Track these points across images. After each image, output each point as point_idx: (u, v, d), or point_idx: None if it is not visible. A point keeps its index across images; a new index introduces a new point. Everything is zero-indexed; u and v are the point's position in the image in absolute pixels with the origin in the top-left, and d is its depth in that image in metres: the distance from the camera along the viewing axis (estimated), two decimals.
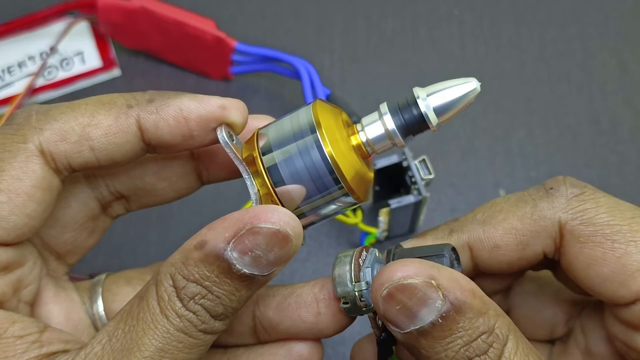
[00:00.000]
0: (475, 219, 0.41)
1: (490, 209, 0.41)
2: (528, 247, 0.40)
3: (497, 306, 0.36)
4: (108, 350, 0.35)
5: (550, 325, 0.45)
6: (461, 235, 0.41)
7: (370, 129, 0.39)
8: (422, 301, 0.35)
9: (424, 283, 0.35)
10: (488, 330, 0.35)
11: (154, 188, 0.44)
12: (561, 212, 0.40)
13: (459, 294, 0.35)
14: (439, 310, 0.35)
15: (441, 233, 0.42)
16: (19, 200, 0.38)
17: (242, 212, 0.35)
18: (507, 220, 0.40)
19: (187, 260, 0.35)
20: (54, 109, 0.39)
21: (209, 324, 0.36)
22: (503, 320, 0.36)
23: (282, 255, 0.35)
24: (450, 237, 0.41)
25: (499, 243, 0.40)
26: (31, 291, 0.41)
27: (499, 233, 0.40)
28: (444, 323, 0.35)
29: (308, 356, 0.42)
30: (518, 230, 0.40)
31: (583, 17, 0.79)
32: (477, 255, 0.41)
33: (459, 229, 0.41)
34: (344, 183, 0.37)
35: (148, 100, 0.39)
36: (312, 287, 0.41)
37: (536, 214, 0.40)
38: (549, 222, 0.40)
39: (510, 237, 0.40)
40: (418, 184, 0.59)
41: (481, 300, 0.36)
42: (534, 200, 0.40)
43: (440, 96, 0.37)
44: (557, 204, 0.40)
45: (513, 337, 0.36)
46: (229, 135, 0.39)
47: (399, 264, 0.36)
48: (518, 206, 0.41)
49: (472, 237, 0.41)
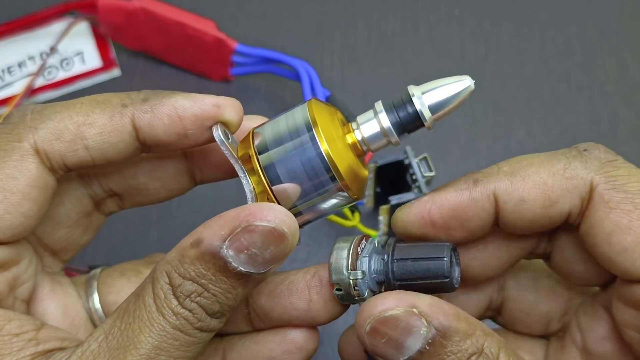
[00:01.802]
0: (501, 171, 0.40)
1: (518, 163, 0.40)
2: (556, 204, 0.39)
3: (484, 326, 0.36)
4: (104, 348, 0.35)
5: (546, 320, 0.45)
6: (487, 185, 0.39)
7: (365, 127, 0.39)
8: (406, 330, 0.35)
9: (405, 312, 0.35)
10: (477, 351, 0.35)
11: (147, 187, 0.45)
12: (594, 173, 0.38)
13: (442, 318, 0.35)
14: (425, 337, 0.35)
15: (464, 184, 0.40)
16: (14, 199, 0.38)
17: (238, 210, 0.35)
18: (538, 174, 0.39)
19: (183, 258, 0.35)
20: (49, 108, 0.39)
21: (205, 322, 0.36)
22: (492, 339, 0.36)
23: (278, 253, 0.35)
24: (475, 187, 0.39)
25: (526, 196, 0.39)
26: (27, 288, 0.42)
27: (527, 186, 0.39)
28: (432, 349, 0.35)
29: (303, 343, 0.42)
30: (548, 185, 0.39)
31: (583, 17, 0.79)
32: (502, 208, 0.39)
33: (484, 179, 0.40)
34: (340, 180, 0.37)
35: (143, 99, 0.40)
36: (304, 274, 0.41)
37: (569, 172, 0.39)
38: (581, 181, 0.38)
39: (538, 191, 0.39)
40: (419, 182, 0.59)
41: (467, 322, 0.36)
42: (567, 158, 0.39)
43: (435, 94, 0.38)
44: (591, 165, 0.39)
45: (504, 354, 0.36)
46: (224, 133, 0.39)
47: (378, 297, 0.36)
48: (550, 162, 0.39)
49: (499, 187, 0.39)
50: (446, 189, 0.40)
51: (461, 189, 0.40)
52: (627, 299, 0.39)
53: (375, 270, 0.39)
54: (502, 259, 0.43)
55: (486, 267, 0.43)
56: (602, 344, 0.42)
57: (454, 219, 0.40)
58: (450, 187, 0.40)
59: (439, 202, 0.40)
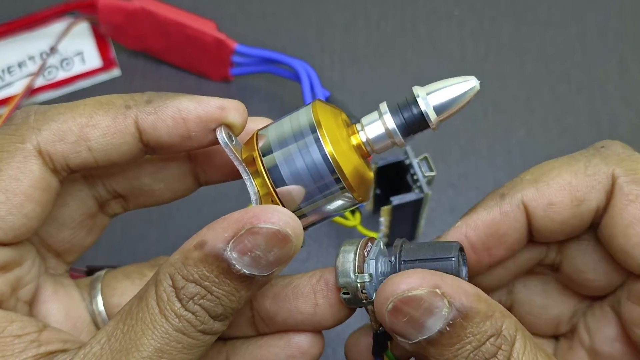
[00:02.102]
0: (524, 180, 0.40)
1: (539, 169, 0.40)
2: (583, 203, 0.39)
3: (502, 307, 0.36)
4: (107, 350, 0.35)
5: (555, 322, 0.45)
6: (514, 196, 0.40)
7: (370, 129, 0.39)
8: (428, 311, 0.35)
9: (429, 293, 0.35)
10: (496, 332, 0.35)
11: (151, 189, 0.44)
12: (615, 165, 0.39)
13: (465, 299, 0.35)
14: (446, 318, 0.35)
15: (491, 201, 0.40)
16: (16, 200, 0.38)
17: (242, 212, 0.35)
18: (561, 176, 0.39)
19: (186, 260, 0.35)
20: (52, 109, 0.39)
21: (208, 325, 0.36)
22: (510, 320, 0.36)
23: (282, 256, 0.35)
24: (503, 201, 0.40)
25: (553, 200, 0.39)
26: (30, 290, 0.41)
27: (553, 190, 0.39)
28: (452, 330, 0.35)
29: (307, 348, 0.42)
30: (573, 185, 0.39)
31: (583, 17, 0.79)
32: (532, 216, 0.40)
33: (510, 191, 0.40)
34: (345, 182, 0.37)
35: (146, 101, 0.39)
36: (309, 277, 0.41)
37: (590, 169, 0.39)
38: (603, 175, 0.39)
39: (564, 192, 0.39)
40: (420, 181, 0.59)
41: (486, 303, 0.36)
42: (585, 157, 0.40)
43: (440, 95, 0.37)
44: (610, 160, 0.39)
45: (521, 337, 0.36)
46: (228, 136, 0.39)
47: (402, 276, 0.36)
48: (570, 163, 0.40)
49: (526, 195, 0.40)
50: (476, 211, 0.41)
51: (490, 207, 0.40)
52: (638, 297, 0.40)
53: (382, 272, 0.39)
54: (509, 269, 0.43)
55: (494, 277, 0.44)
56: (610, 344, 0.43)
57: (491, 237, 0.40)
58: (480, 207, 0.41)
59: (473, 225, 0.40)
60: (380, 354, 0.41)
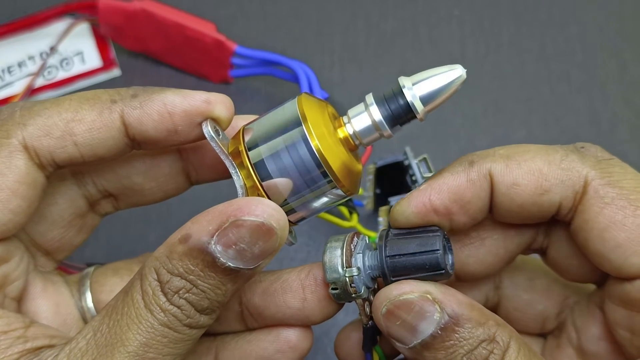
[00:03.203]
0: (497, 153, 0.40)
1: (516, 148, 0.40)
2: (547, 193, 0.39)
3: (498, 317, 0.37)
4: (92, 345, 0.35)
5: (542, 318, 0.45)
6: (483, 165, 0.39)
7: (356, 121, 0.38)
8: (420, 315, 0.36)
9: (419, 297, 0.36)
10: (488, 338, 0.36)
11: (142, 188, 0.44)
12: (590, 167, 0.38)
13: (456, 306, 0.36)
14: (438, 322, 0.36)
15: (460, 166, 0.40)
16: (2, 196, 0.38)
17: (226, 204, 0.35)
18: (534, 160, 0.39)
19: (171, 254, 0.35)
20: (38, 104, 0.39)
21: (194, 319, 0.36)
22: (504, 329, 0.37)
23: (267, 249, 0.35)
24: (471, 168, 0.39)
25: (519, 181, 0.39)
26: (17, 287, 0.41)
27: (522, 170, 0.39)
28: (444, 334, 0.36)
29: (296, 342, 0.42)
30: (543, 173, 0.38)
31: (583, 17, 0.78)
32: (494, 189, 0.39)
33: (480, 160, 0.39)
34: (332, 176, 0.37)
35: (132, 95, 0.39)
36: (298, 272, 0.41)
37: (565, 163, 0.39)
38: (576, 174, 0.38)
39: (532, 177, 0.39)
40: (419, 183, 0.59)
41: (480, 312, 0.37)
42: (564, 151, 0.39)
43: (426, 84, 0.37)
44: (587, 161, 0.39)
45: (514, 343, 0.37)
46: (214, 129, 0.39)
47: (395, 284, 0.37)
48: (547, 152, 0.39)
49: (494, 168, 0.39)
50: (442, 174, 0.40)
51: (458, 172, 0.39)
52: (618, 298, 0.39)
53: (369, 266, 0.39)
54: (498, 255, 0.43)
55: (483, 263, 0.43)
56: (597, 343, 0.43)
57: (455, 203, 0.39)
58: (447, 172, 0.40)
59: (438, 188, 0.39)
60: (369, 349, 0.42)
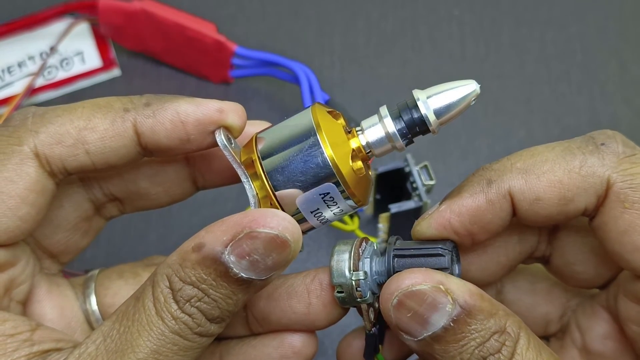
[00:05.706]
0: (514, 168, 0.38)
1: (532, 158, 0.38)
2: (571, 202, 0.38)
3: (505, 307, 0.37)
4: (102, 351, 0.35)
5: (544, 321, 0.45)
6: (501, 185, 0.38)
7: (370, 132, 0.38)
8: (432, 306, 0.35)
9: (432, 288, 0.35)
10: (500, 329, 0.36)
11: (148, 192, 0.44)
12: (611, 170, 0.37)
13: (468, 297, 0.35)
14: (450, 314, 0.35)
15: (478, 186, 0.39)
16: (11, 203, 0.38)
17: (241, 215, 0.35)
18: (553, 172, 0.38)
19: (184, 262, 0.35)
20: (51, 111, 0.39)
21: (204, 327, 0.36)
22: (513, 319, 0.36)
23: (280, 261, 0.35)
24: (489, 189, 0.38)
25: (541, 195, 0.38)
26: (23, 290, 0.42)
27: (542, 185, 0.38)
28: (456, 326, 0.35)
29: (301, 348, 0.42)
30: (564, 184, 0.37)
31: (583, 17, 0.78)
32: (517, 206, 0.39)
33: (498, 178, 0.38)
34: (344, 186, 0.37)
35: (145, 104, 0.39)
36: (303, 277, 0.41)
37: (585, 170, 0.37)
38: (597, 180, 0.37)
39: (554, 190, 0.38)
40: (419, 190, 0.59)
41: (490, 302, 0.36)
42: (583, 154, 0.38)
43: (441, 98, 0.37)
44: (608, 162, 0.37)
45: (524, 334, 0.36)
46: (227, 138, 0.39)
47: (406, 272, 0.36)
48: (565, 158, 0.38)
49: (513, 186, 0.38)
50: (461, 195, 0.39)
51: (476, 192, 0.39)
52: (633, 294, 0.40)
53: (376, 271, 0.39)
54: (500, 264, 0.43)
55: (485, 271, 0.43)
56: (603, 342, 0.43)
57: (475, 225, 0.39)
58: (465, 192, 0.39)
59: (457, 211, 0.39)
60: (371, 356, 0.41)
